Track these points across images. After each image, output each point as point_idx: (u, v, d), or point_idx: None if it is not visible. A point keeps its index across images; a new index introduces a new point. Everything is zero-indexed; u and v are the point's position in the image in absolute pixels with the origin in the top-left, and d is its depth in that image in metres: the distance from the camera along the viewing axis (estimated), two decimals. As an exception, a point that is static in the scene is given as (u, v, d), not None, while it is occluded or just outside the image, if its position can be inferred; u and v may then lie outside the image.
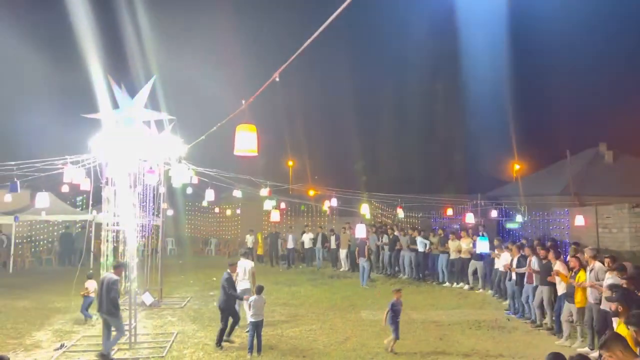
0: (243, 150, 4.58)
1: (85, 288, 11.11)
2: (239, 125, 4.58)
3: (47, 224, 23.99)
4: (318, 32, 3.13)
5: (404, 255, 17.80)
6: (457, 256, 15.93)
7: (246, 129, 4.59)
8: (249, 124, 4.56)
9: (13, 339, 9.80)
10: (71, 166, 9.99)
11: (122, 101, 8.96)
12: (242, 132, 4.57)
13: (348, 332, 10.37)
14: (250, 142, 4.57)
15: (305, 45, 3.27)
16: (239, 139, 4.57)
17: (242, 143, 4.56)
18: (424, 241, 17.06)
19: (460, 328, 10.78)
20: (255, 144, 4.60)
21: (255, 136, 4.60)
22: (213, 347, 9.30)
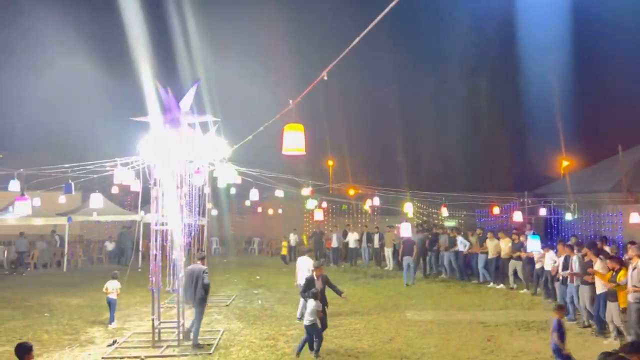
0: (291, 150, 4.62)
1: (105, 287, 11.11)
2: (287, 125, 4.62)
3: (98, 224, 24.88)
4: (367, 30, 3.12)
5: (443, 255, 17.59)
6: (496, 256, 15.62)
7: (294, 128, 4.63)
8: (296, 123, 4.61)
9: (69, 335, 10.22)
10: (121, 168, 10.34)
11: (168, 104, 9.17)
12: (290, 132, 4.61)
13: (393, 332, 10.29)
14: (298, 141, 4.60)
15: (354, 43, 3.26)
16: (287, 138, 4.61)
17: (290, 142, 4.60)
18: (464, 241, 16.82)
19: (508, 329, 10.53)
20: (303, 143, 4.63)
21: (302, 135, 4.63)
22: (258, 345, 9.42)
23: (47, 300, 13.68)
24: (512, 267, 15.05)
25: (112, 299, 11.01)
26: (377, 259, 20.96)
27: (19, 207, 10.62)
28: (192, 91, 9.15)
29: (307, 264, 11.15)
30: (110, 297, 11.00)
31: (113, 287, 11.04)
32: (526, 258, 14.38)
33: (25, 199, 10.57)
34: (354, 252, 21.58)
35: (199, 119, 9.71)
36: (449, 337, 9.93)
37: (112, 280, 11.16)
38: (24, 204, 10.59)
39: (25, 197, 10.58)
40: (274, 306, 13.00)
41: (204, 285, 9.24)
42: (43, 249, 20.75)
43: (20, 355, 5.25)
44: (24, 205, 10.59)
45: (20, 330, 10.51)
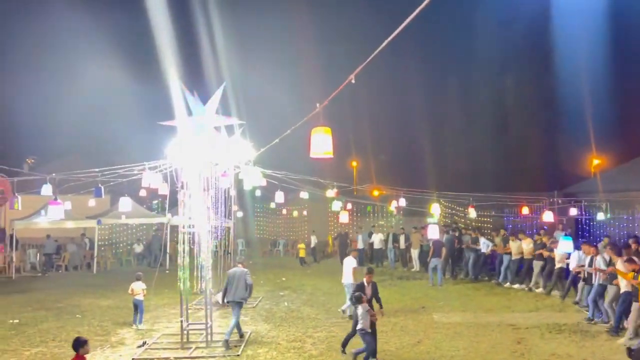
0: (319, 153, 4.60)
1: (130, 289, 11.23)
2: (314, 128, 4.60)
3: (126, 227, 25.33)
4: (395, 33, 3.07)
5: (465, 255, 17.52)
6: (519, 257, 15.41)
7: (321, 131, 4.61)
8: (324, 126, 4.58)
9: (100, 336, 10.40)
10: (149, 172, 10.50)
11: (194, 108, 9.27)
12: (318, 135, 4.59)
13: (420, 334, 10.18)
14: (326, 144, 4.58)
15: (382, 46, 3.22)
16: (315, 141, 4.59)
17: (317, 146, 4.58)
18: (486, 242, 16.62)
19: (539, 331, 10.31)
20: (330, 146, 4.60)
21: (330, 138, 4.60)
22: (285, 347, 9.43)
23: (78, 302, 13.96)
24: (537, 268, 14.79)
25: (139, 300, 11.18)
26: (402, 260, 20.81)
27: (52, 211, 10.87)
28: (217, 94, 9.23)
29: (352, 264, 11.87)
30: (136, 299, 11.17)
31: (138, 289, 11.20)
32: (548, 257, 14.14)
33: (59, 204, 10.81)
34: (379, 253, 21.45)
35: (225, 122, 9.79)
36: (478, 340, 9.78)
37: (137, 281, 11.31)
38: (57, 208, 10.83)
39: (58, 202, 10.82)
40: (300, 308, 13.01)
41: (248, 286, 9.77)
42: (73, 252, 21.21)
43: (76, 348, 6.00)
44: (57, 210, 10.83)
45: (53, 331, 10.75)
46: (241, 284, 9.72)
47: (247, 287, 9.74)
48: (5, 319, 11.93)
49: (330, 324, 11.13)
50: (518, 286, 15.21)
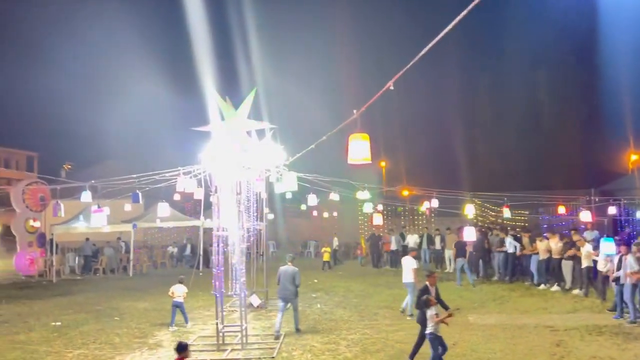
0: (357, 160, 4.63)
1: (171, 291, 11.48)
2: (352, 135, 4.63)
3: (160, 230, 25.85)
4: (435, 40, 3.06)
5: (494, 255, 17.36)
6: (547, 256, 15.12)
7: (359, 137, 4.63)
8: (361, 133, 4.60)
9: (138, 338, 10.64)
10: (183, 177, 10.70)
11: (226, 113, 9.40)
12: (356, 141, 4.62)
13: (456, 337, 10.06)
14: (364, 150, 4.61)
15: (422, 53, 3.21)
16: (353, 148, 4.61)
17: (355, 152, 4.61)
18: (513, 242, 16.35)
19: (578, 334, 10.06)
20: (368, 152, 4.63)
21: (368, 144, 4.63)
22: (320, 349, 9.46)
23: (117, 304, 14.31)
24: (567, 267, 14.46)
25: (179, 302, 11.42)
26: (437, 261, 20.62)
27: (95, 219, 11.21)
28: (249, 99, 9.34)
29: (412, 264, 12.07)
30: (177, 301, 11.40)
31: (179, 291, 11.43)
32: (578, 257, 13.82)
33: (101, 211, 11.12)
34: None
35: (256, 126, 9.89)
36: (514, 342, 9.61)
37: (179, 284, 11.55)
38: (100, 216, 11.15)
39: (101, 209, 11.13)
40: (333, 310, 13.03)
41: (297, 285, 10.72)
42: (110, 255, 21.75)
43: (181, 350, 6.48)
44: (100, 217, 11.13)
45: (93, 333, 11.05)
46: (288, 281, 10.55)
47: (294, 286, 10.59)
48: (48, 321, 12.33)
49: (363, 326, 11.11)
50: (555, 288, 14.86)
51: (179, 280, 11.68)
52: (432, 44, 3.14)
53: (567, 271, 14.53)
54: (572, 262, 14.25)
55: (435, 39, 3.10)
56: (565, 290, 14.43)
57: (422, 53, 3.26)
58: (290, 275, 10.60)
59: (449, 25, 2.99)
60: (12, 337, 10.90)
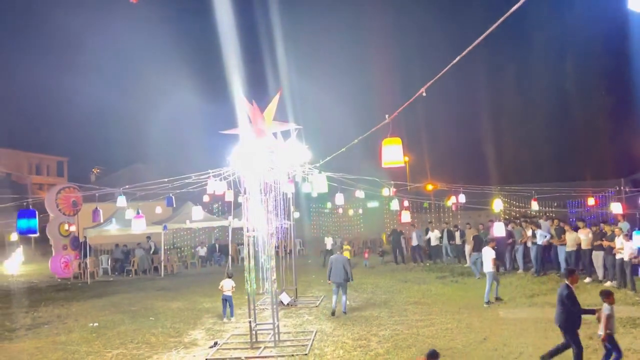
0: (390, 163, 4.76)
1: (220, 286, 12.11)
2: (385, 139, 4.76)
3: (189, 231, 26.28)
4: (467, 50, 3.13)
5: (517, 249, 17.38)
6: (575, 248, 15.01)
7: (392, 142, 4.77)
8: (394, 137, 4.73)
9: (173, 337, 10.93)
10: (213, 179, 10.94)
11: (254, 116, 9.58)
12: (389, 146, 4.75)
13: (487, 331, 10.08)
14: (397, 154, 4.74)
15: (455, 61, 3.28)
16: (386, 152, 4.75)
17: (389, 156, 4.74)
18: (543, 233, 16.22)
19: (612, 326, 9.94)
20: (401, 156, 4.77)
21: (400, 148, 4.77)
22: (351, 345, 9.58)
23: (151, 305, 14.68)
24: (598, 259, 14.28)
25: (228, 296, 12.05)
26: (458, 256, 20.62)
27: (136, 224, 11.68)
28: (274, 102, 9.50)
29: (492, 254, 12.68)
30: (226, 295, 12.01)
31: (228, 285, 12.01)
32: (608, 248, 13.63)
33: (142, 217, 11.56)
34: (435, 250, 21.27)
35: (282, 127, 10.05)
36: (546, 336, 9.56)
37: (227, 279, 12.13)
38: (140, 222, 11.59)
39: (141, 215, 11.57)
40: (362, 306, 13.13)
41: (347, 271, 12.11)
42: (142, 256, 22.26)
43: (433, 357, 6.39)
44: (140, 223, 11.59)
45: (130, 333, 11.38)
46: (339, 268, 12.03)
47: (346, 271, 12.02)
48: (86, 322, 12.74)
49: (393, 322, 11.19)
50: (587, 280, 14.70)
51: (228, 274, 12.26)
52: (464, 52, 3.21)
53: (599, 263, 14.34)
54: (602, 253, 14.07)
55: (467, 49, 3.17)
56: (598, 282, 14.25)
57: (455, 61, 3.33)
58: (341, 262, 12.13)
59: (482, 35, 3.06)
60: (53, 338, 11.31)
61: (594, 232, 14.71)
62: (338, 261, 12.25)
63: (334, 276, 12.14)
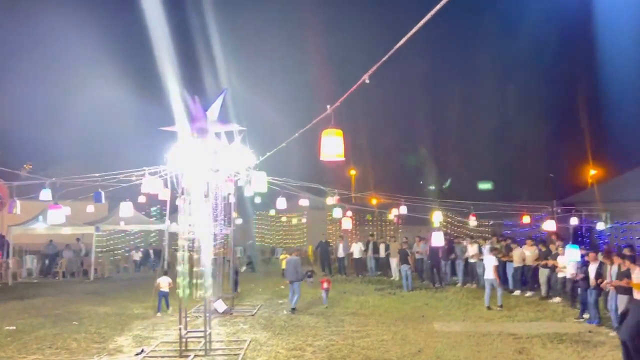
0: (330, 155, 4.55)
1: (157, 283, 12.51)
2: (325, 130, 4.55)
3: (124, 234, 25.21)
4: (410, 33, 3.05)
5: (458, 263, 17.82)
6: (521, 264, 15.56)
7: (332, 134, 4.55)
8: (335, 128, 4.54)
9: (97, 343, 10.28)
10: (149, 177, 10.42)
11: (195, 114, 9.23)
12: (329, 137, 4.54)
13: (421, 344, 10.09)
14: (337, 147, 4.53)
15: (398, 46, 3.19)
16: (326, 144, 4.53)
17: (328, 148, 4.53)
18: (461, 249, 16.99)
19: (540, 341, 10.22)
20: (341, 149, 4.56)
21: (341, 141, 4.55)
22: (285, 355, 9.33)
23: (76, 309, 13.83)
24: (543, 276, 14.80)
25: (165, 292, 12.41)
26: (383, 269, 20.85)
27: (52, 216, 10.82)
28: (219, 100, 9.20)
29: (494, 262, 13.72)
30: (162, 291, 12.45)
31: (165, 282, 12.26)
32: (553, 266, 14.19)
33: (59, 207, 10.73)
34: (359, 263, 21.41)
35: (225, 128, 9.75)
36: (479, 349, 9.69)
37: (164, 276, 12.52)
38: (57, 212, 10.75)
39: (58, 206, 10.74)
40: (300, 316, 12.90)
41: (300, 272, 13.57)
42: (70, 258, 21.07)
43: None
44: (57, 214, 10.75)
45: (50, 338, 10.62)
46: (291, 269, 13.49)
47: (297, 271, 13.39)
48: (2, 325, 11.80)
49: (329, 333, 11.03)
50: (529, 294, 15.29)
51: (164, 271, 12.16)
52: (407, 36, 3.13)
53: (543, 279, 14.84)
54: (547, 270, 14.57)
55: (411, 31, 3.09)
56: (541, 297, 14.74)
57: (398, 45, 3.24)
58: (294, 263, 13.56)
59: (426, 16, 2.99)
60: (-39, 341, 10.38)
61: (540, 250, 15.25)
62: (290, 263, 13.73)
63: (288, 275, 13.69)
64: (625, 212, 18.83)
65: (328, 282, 14.51)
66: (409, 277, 16.95)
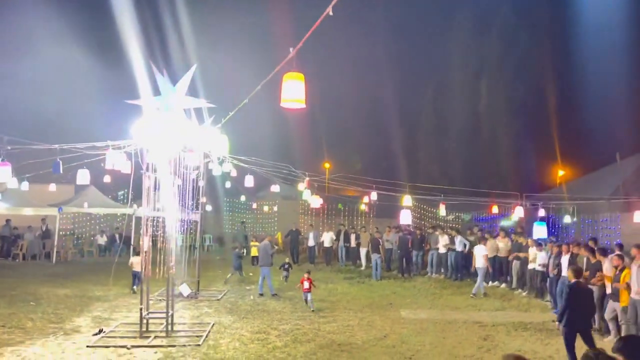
0: (290, 100, 4.32)
1: (130, 263, 12.65)
2: (286, 74, 4.32)
3: (89, 217, 24.54)
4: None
5: (433, 254, 17.83)
6: (493, 255, 15.60)
7: (294, 77, 4.33)
8: (297, 72, 4.32)
9: (54, 324, 9.92)
10: (113, 151, 10.00)
11: (163, 88, 8.91)
12: (290, 82, 4.31)
13: (387, 329, 10.04)
14: (298, 91, 4.30)
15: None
16: (286, 88, 4.29)
17: (289, 93, 4.29)
18: (463, 240, 16.76)
19: (505, 329, 10.29)
20: (303, 94, 4.33)
21: (303, 85, 4.32)
22: (249, 338, 9.15)
23: (34, 290, 13.36)
24: (515, 268, 14.96)
25: (138, 272, 12.13)
26: (353, 259, 20.85)
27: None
28: (188, 75, 8.91)
29: (483, 251, 14.14)
30: (135, 271, 12.45)
31: (137, 261, 11.94)
32: (524, 258, 14.31)
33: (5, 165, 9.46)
34: (329, 252, 21.41)
35: (194, 104, 9.44)
36: (444, 336, 9.70)
37: (136, 255, 12.38)
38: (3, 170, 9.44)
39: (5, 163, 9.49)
40: (267, 301, 12.73)
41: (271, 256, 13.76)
42: (32, 240, 20.39)
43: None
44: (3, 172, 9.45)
45: (4, 318, 10.20)
46: (265, 252, 13.56)
47: (267, 254, 13.53)
48: (-47, 305, 11.30)
49: (296, 318, 10.89)
50: (497, 284, 15.47)
51: (136, 252, 12.41)
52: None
53: (516, 271, 14.95)
54: (519, 262, 14.68)
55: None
56: (511, 289, 14.85)
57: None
58: (264, 247, 13.71)
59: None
60: None
61: (513, 242, 15.37)
62: (261, 248, 14.02)
63: (261, 260, 13.78)
64: (591, 208, 19.23)
65: (309, 281, 11.71)
66: (379, 267, 16.96)
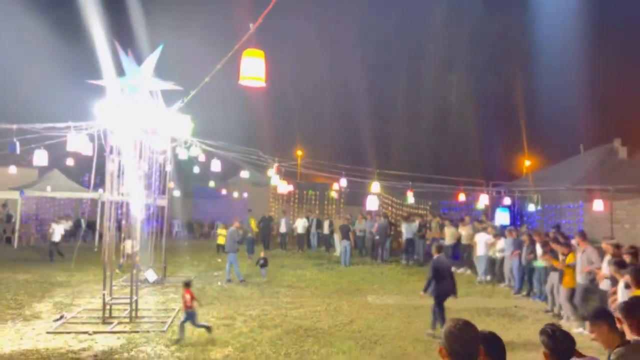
0: (249, 78, 4.21)
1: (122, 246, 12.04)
2: (245, 51, 4.20)
3: (54, 203, 23.90)
4: None
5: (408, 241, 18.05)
6: (453, 242, 16.09)
7: (253, 54, 4.21)
8: (256, 49, 4.21)
9: (12, 309, 9.65)
10: (75, 133, 9.69)
11: (128, 68, 8.68)
12: (249, 58, 4.20)
13: (353, 315, 10.11)
14: (258, 69, 4.19)
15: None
16: (245, 65, 4.18)
17: (248, 70, 4.18)
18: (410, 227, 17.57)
19: (468, 314, 10.46)
20: (263, 72, 4.22)
21: (263, 63, 4.21)
22: (215, 324, 9.07)
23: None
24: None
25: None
26: (326, 245, 20.98)
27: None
28: (155, 54, 8.69)
29: (486, 239, 14.23)
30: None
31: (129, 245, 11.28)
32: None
33: None
34: (301, 238, 21.52)
35: (161, 86, 9.23)
36: (409, 321, 9.83)
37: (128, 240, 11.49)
38: None
39: None
40: (234, 287, 12.66)
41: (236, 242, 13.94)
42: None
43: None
44: None
45: (-41, 303, 9.88)
46: (229, 238, 13.83)
47: (234, 242, 13.73)
48: None
49: (263, 303, 10.86)
50: (465, 271, 15.68)
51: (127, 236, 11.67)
52: None
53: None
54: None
55: None
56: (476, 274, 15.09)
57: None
58: (231, 234, 13.90)
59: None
60: None
61: (475, 229, 15.63)
62: (228, 235, 14.19)
63: (228, 246, 13.89)
64: (555, 197, 19.71)
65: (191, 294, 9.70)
66: (348, 253, 17.08)
